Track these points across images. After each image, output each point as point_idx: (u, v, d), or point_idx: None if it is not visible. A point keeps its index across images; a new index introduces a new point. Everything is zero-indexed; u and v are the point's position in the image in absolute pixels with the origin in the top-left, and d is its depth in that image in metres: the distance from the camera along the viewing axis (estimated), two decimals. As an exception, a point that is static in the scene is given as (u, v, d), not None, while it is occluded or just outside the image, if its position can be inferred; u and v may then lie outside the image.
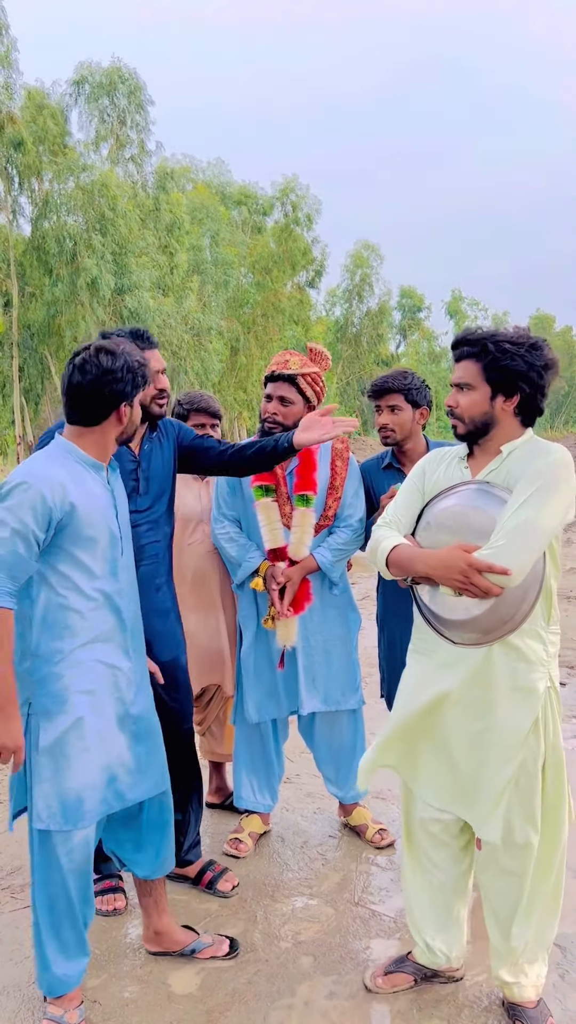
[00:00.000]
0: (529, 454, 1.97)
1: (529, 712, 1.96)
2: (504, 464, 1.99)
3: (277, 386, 2.85)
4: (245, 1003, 2.23)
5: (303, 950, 2.46)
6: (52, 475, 1.98)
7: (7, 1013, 2.20)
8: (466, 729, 2.03)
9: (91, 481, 2.06)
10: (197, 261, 29.53)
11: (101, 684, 2.07)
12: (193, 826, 2.76)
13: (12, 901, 2.73)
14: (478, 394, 2.00)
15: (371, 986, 2.26)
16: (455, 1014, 2.18)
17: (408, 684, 2.17)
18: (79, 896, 2.09)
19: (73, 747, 2.03)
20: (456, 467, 2.10)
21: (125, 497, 2.24)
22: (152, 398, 2.50)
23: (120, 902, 2.64)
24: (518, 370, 1.95)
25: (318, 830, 3.22)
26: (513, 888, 2.05)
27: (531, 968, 2.10)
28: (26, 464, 2.03)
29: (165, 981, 2.33)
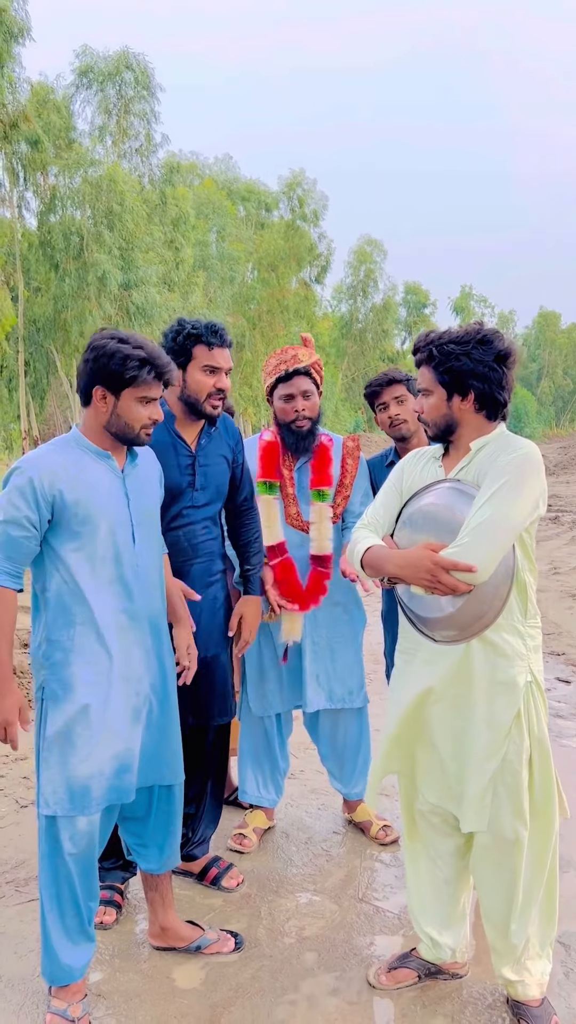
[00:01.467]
0: (497, 450, 1.99)
1: (510, 706, 1.98)
2: (473, 461, 2.01)
3: (297, 382, 2.87)
4: (249, 998, 2.24)
5: (307, 946, 2.47)
6: (45, 461, 2.03)
7: (12, 1006, 2.21)
8: (449, 725, 2.05)
9: (95, 469, 2.08)
10: (203, 257, 29.50)
11: (109, 673, 2.07)
12: (204, 823, 2.78)
13: (17, 895, 2.74)
14: (435, 397, 2.03)
15: (375, 982, 2.27)
16: (458, 1011, 2.18)
17: (397, 684, 2.20)
18: (83, 886, 2.10)
19: (79, 735, 2.04)
20: (431, 466, 2.13)
21: (149, 489, 2.21)
22: (207, 395, 2.50)
23: (110, 916, 2.56)
24: (465, 368, 1.97)
25: (322, 826, 3.22)
26: (507, 885, 2.06)
27: (534, 966, 2.10)
28: (29, 452, 2.08)
29: (169, 976, 2.33)
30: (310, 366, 2.87)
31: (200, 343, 2.48)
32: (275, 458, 2.93)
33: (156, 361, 2.05)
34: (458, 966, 2.29)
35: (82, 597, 2.04)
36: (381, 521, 2.16)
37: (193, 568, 2.53)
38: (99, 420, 2.09)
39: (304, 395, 2.87)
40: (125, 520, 2.11)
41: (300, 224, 34.02)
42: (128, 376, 2.03)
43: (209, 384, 2.49)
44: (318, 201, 34.58)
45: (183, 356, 2.49)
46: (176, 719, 2.30)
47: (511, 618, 1.99)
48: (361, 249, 42.66)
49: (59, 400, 28.91)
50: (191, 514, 2.52)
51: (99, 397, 2.07)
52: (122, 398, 2.06)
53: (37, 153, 22.88)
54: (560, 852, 2.94)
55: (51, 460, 2.04)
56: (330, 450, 2.97)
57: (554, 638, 6.05)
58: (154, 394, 2.09)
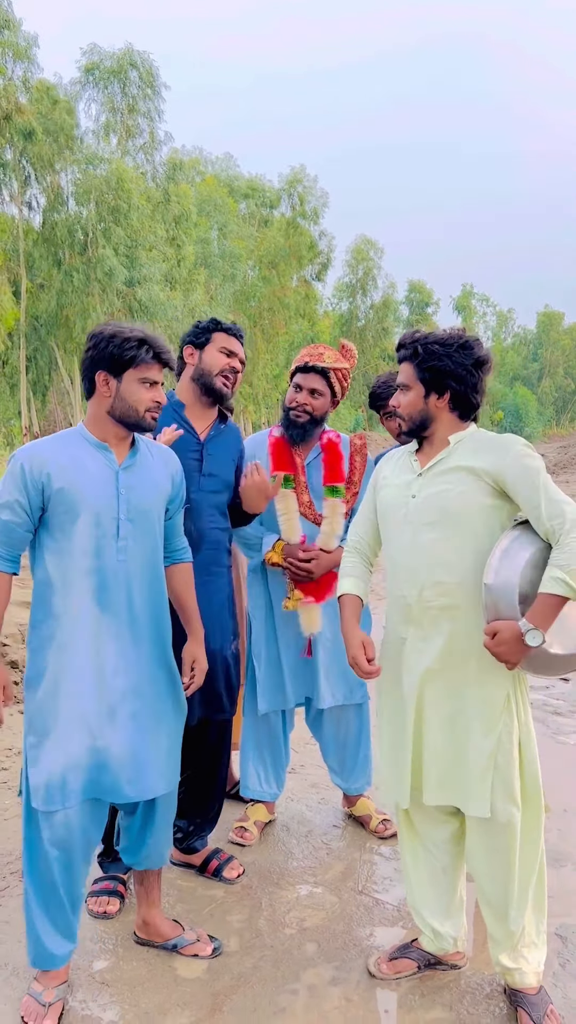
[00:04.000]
0: (478, 445, 2.09)
1: (501, 687, 2.06)
2: (452, 454, 2.10)
3: (309, 377, 2.94)
4: (251, 987, 2.27)
5: (308, 937, 2.50)
6: (38, 450, 2.10)
7: (17, 993, 2.24)
8: (444, 710, 2.10)
9: (90, 460, 2.12)
10: (204, 254, 29.51)
11: (81, 663, 2.08)
12: (205, 817, 2.82)
13: (20, 884, 2.78)
14: (413, 393, 2.13)
15: (375, 971, 2.30)
16: (456, 1000, 2.22)
17: (388, 679, 2.24)
18: (63, 878, 2.13)
19: (50, 724, 2.07)
20: (406, 460, 2.23)
21: (150, 487, 2.21)
22: (219, 371, 2.64)
23: (113, 906, 2.60)
24: (446, 369, 2.07)
25: (322, 820, 3.26)
26: (503, 870, 2.10)
27: (531, 954, 2.14)
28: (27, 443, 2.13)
29: (172, 965, 2.37)
30: (330, 369, 2.93)
31: (221, 330, 2.70)
32: (287, 452, 2.98)
33: (153, 342, 2.13)
34: (458, 956, 2.33)
35: (60, 587, 2.08)
36: (365, 540, 2.35)
37: (197, 557, 2.55)
38: (103, 406, 2.13)
39: (311, 392, 2.92)
40: (112, 513, 2.11)
41: (300, 222, 34.04)
42: (127, 356, 2.08)
43: (223, 362, 2.65)
44: (319, 198, 34.60)
45: (203, 338, 2.67)
46: (169, 724, 2.26)
47: None
48: (359, 248, 42.68)
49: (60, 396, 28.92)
50: (198, 499, 2.58)
51: (102, 381, 2.12)
52: (124, 380, 2.11)
53: (33, 146, 22.88)
54: (557, 847, 2.99)
55: (43, 449, 2.10)
56: (339, 447, 3.02)
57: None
58: (155, 376, 2.13)
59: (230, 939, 2.48)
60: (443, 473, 2.10)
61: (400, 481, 2.21)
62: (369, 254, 43.30)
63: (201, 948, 2.41)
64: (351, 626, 2.27)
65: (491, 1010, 2.18)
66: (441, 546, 2.07)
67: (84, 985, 2.27)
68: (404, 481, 2.19)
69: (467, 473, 2.05)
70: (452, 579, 2.06)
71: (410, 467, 2.20)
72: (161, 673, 2.24)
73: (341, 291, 44.53)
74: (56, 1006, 2.14)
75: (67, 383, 26.59)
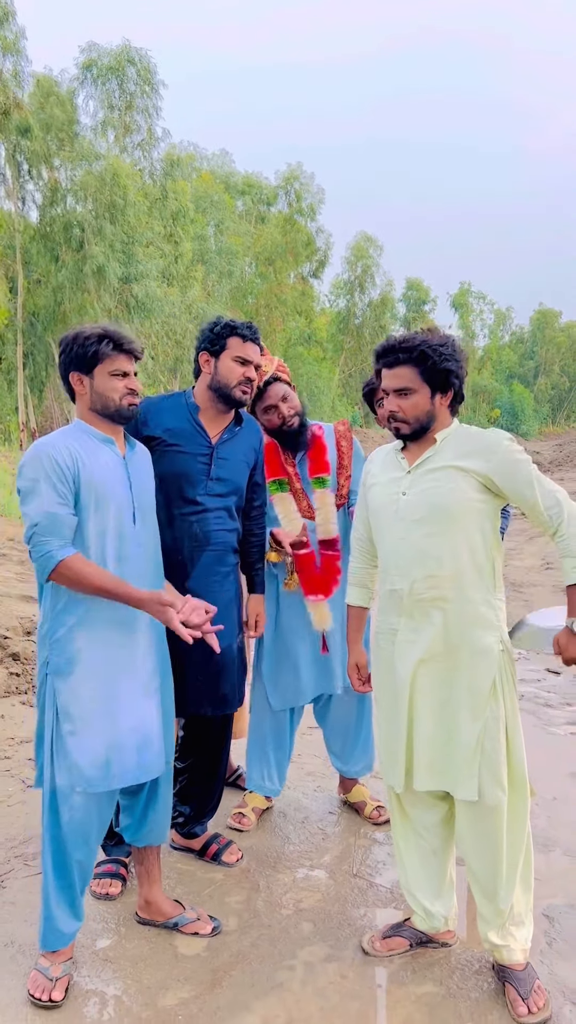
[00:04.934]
0: (464, 440, 2.17)
1: (488, 673, 2.15)
2: (440, 451, 2.18)
3: (271, 392, 2.94)
4: (249, 963, 2.36)
5: (304, 917, 2.58)
6: (56, 441, 2.17)
7: (22, 969, 2.32)
8: (435, 695, 2.19)
9: (102, 452, 2.21)
10: (201, 251, 29.50)
11: (117, 646, 2.19)
12: (206, 804, 2.89)
13: (25, 868, 2.86)
14: (420, 396, 2.17)
15: (368, 949, 2.39)
16: (447, 976, 2.30)
17: (381, 667, 2.32)
18: (78, 859, 2.22)
19: (90, 708, 2.15)
20: (393, 458, 2.31)
21: (146, 476, 2.33)
22: (237, 383, 2.62)
23: (115, 888, 2.69)
24: (451, 369, 2.15)
25: (318, 807, 3.35)
26: (491, 851, 2.19)
27: (518, 931, 2.23)
28: (40, 439, 2.21)
29: (172, 943, 2.45)
30: (276, 371, 2.96)
31: (235, 335, 2.63)
32: (277, 456, 3.04)
33: (113, 336, 2.20)
34: (449, 935, 2.41)
35: None
36: (365, 536, 2.43)
37: (203, 556, 2.61)
38: (85, 405, 2.24)
39: (283, 399, 2.95)
40: (128, 501, 2.23)
41: (298, 219, 34.04)
42: (91, 352, 2.18)
43: (239, 372, 2.62)
44: (315, 195, 34.58)
45: (218, 345, 2.63)
46: (172, 703, 2.40)
47: (485, 592, 2.16)
48: (358, 245, 42.64)
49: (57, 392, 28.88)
50: (205, 502, 2.61)
51: (76, 381, 2.22)
52: (95, 376, 2.21)
53: (30, 142, 22.83)
54: (546, 832, 3.08)
55: (66, 441, 2.17)
56: (322, 438, 3.08)
57: (545, 631, 6.17)
58: (123, 366, 2.21)
59: (229, 919, 2.57)
60: (432, 471, 2.18)
61: (388, 478, 2.28)
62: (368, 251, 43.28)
63: (201, 927, 2.49)
64: (353, 641, 2.51)
65: (479, 985, 2.26)
66: (432, 541, 2.15)
67: (88, 962, 2.36)
68: (393, 478, 2.27)
69: (456, 471, 2.14)
70: (442, 572, 2.15)
71: (398, 464, 2.27)
72: (166, 654, 2.38)
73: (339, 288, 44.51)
74: (63, 980, 2.22)
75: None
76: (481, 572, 2.16)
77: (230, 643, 2.71)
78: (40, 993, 2.19)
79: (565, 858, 2.90)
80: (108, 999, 2.21)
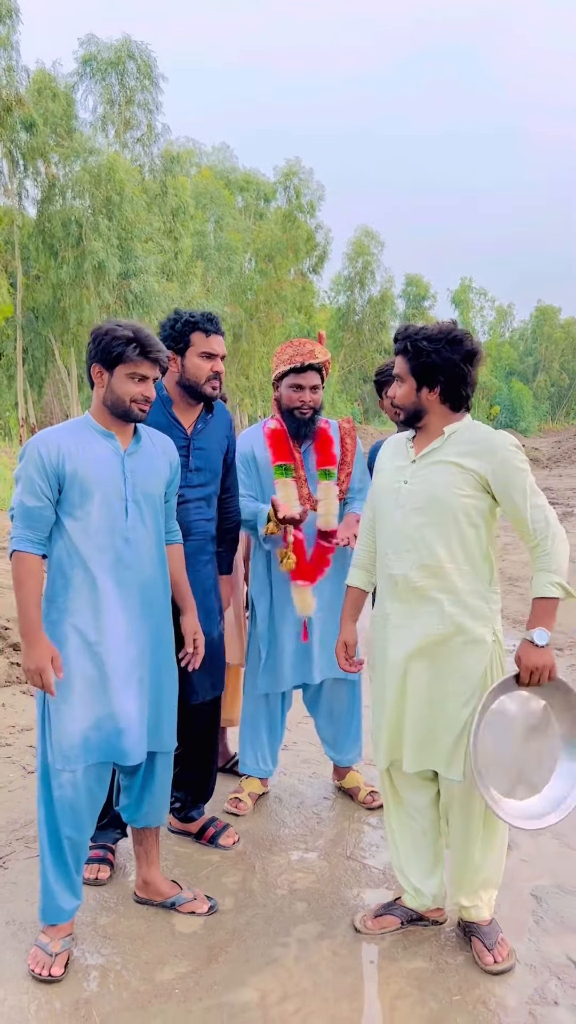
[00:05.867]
0: (472, 437, 2.22)
1: (480, 661, 2.22)
2: (447, 443, 2.23)
3: (308, 376, 3.04)
4: (244, 941, 2.42)
5: (298, 897, 2.65)
6: (51, 436, 2.25)
7: (24, 946, 2.39)
8: (425, 681, 2.25)
9: (98, 446, 2.28)
10: (201, 247, 29.51)
11: (98, 634, 2.25)
12: (201, 788, 2.96)
13: (26, 850, 2.92)
14: (407, 386, 2.26)
15: (360, 927, 2.46)
16: (436, 952, 2.37)
17: (376, 649, 2.40)
18: (70, 836, 2.29)
19: (69, 691, 2.23)
20: (403, 446, 2.36)
21: (152, 472, 2.38)
22: (206, 379, 2.67)
23: (104, 873, 2.74)
24: (435, 364, 2.19)
25: (313, 792, 3.41)
26: (471, 824, 2.30)
27: (486, 893, 2.36)
28: (40, 431, 2.30)
29: (170, 921, 2.52)
30: (322, 363, 3.06)
31: (197, 330, 2.66)
32: (285, 442, 3.11)
33: (143, 341, 2.25)
34: (439, 913, 2.48)
35: (77, 562, 2.24)
36: (370, 519, 2.47)
37: (185, 546, 2.66)
38: (99, 396, 2.31)
39: (312, 388, 3.05)
40: (120, 495, 2.28)
41: (297, 215, 34.05)
42: (116, 353, 2.24)
43: (207, 368, 2.66)
44: (315, 191, 34.59)
45: (181, 343, 2.66)
46: (172, 692, 2.46)
47: (478, 584, 2.22)
48: (359, 241, 42.65)
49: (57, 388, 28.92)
50: (185, 493, 2.67)
51: (96, 373, 2.29)
52: (115, 374, 2.27)
53: (34, 138, 22.83)
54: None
55: (56, 436, 2.26)
56: (329, 432, 3.16)
57: (540, 624, 6.24)
58: (144, 372, 2.27)
59: (225, 899, 2.63)
60: (434, 464, 2.23)
61: (394, 466, 2.34)
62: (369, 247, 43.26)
63: (198, 906, 2.56)
64: (345, 620, 2.56)
65: (469, 960, 2.33)
66: (427, 531, 2.21)
67: (88, 939, 2.42)
68: (398, 467, 2.32)
69: (456, 467, 2.19)
70: (435, 562, 2.21)
71: (406, 453, 2.33)
72: (163, 644, 2.43)
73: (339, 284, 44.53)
74: (62, 956, 2.28)
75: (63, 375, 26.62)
76: (474, 565, 2.22)
77: (210, 628, 2.78)
78: (40, 969, 2.25)
79: (554, 842, 2.97)
80: (107, 973, 2.27)
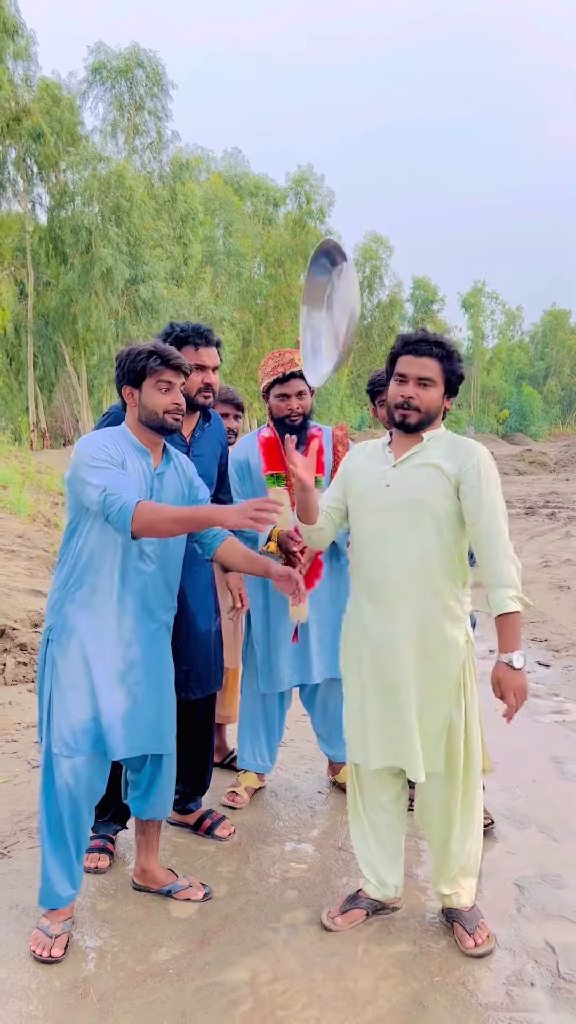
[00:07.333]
0: (450, 445, 2.32)
1: (457, 661, 2.32)
2: (426, 448, 2.33)
3: (291, 384, 3.14)
4: (236, 925, 2.53)
5: (290, 885, 2.76)
6: (104, 438, 2.39)
7: (26, 928, 2.50)
8: (403, 680, 2.32)
9: (135, 459, 2.41)
10: (210, 252, 29.72)
11: (103, 632, 2.37)
12: (198, 781, 3.06)
13: (30, 840, 3.04)
14: (437, 391, 2.33)
15: (330, 925, 2.51)
16: (419, 936, 2.47)
17: (349, 655, 2.48)
18: (70, 824, 2.40)
19: (75, 680, 2.35)
20: (380, 451, 2.43)
21: (175, 491, 2.50)
22: (198, 390, 2.78)
23: (103, 862, 2.85)
24: (462, 376, 2.34)
25: (308, 787, 3.52)
26: (448, 814, 2.40)
27: (466, 880, 2.45)
28: (86, 435, 2.43)
29: (166, 907, 2.63)
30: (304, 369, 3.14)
31: (187, 344, 2.76)
32: (277, 451, 3.21)
33: (162, 352, 2.39)
34: (397, 901, 2.59)
35: (95, 561, 2.36)
36: (333, 506, 2.50)
37: (188, 549, 2.74)
38: (135, 416, 2.44)
39: (298, 395, 3.15)
40: None
41: (307, 220, 34.22)
42: (139, 367, 2.38)
43: (197, 381, 2.77)
44: (325, 197, 34.78)
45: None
46: (169, 696, 2.56)
47: (453, 586, 2.32)
48: (367, 246, 42.78)
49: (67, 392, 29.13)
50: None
51: (128, 394, 2.43)
52: (144, 389, 2.41)
53: (42, 147, 23.11)
54: (524, 810, 3.25)
55: (108, 439, 2.39)
56: (320, 440, 3.24)
57: (539, 626, 6.33)
58: (169, 378, 2.41)
59: (219, 887, 2.74)
60: (416, 467, 2.33)
61: (375, 470, 2.40)
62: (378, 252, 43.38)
63: (193, 893, 2.67)
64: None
65: (451, 945, 2.42)
66: (409, 533, 2.30)
67: (87, 922, 2.54)
68: (379, 471, 2.39)
69: (436, 470, 2.29)
70: (416, 564, 2.29)
71: (384, 458, 2.40)
72: (162, 650, 2.54)
73: (347, 289, 44.57)
74: (62, 938, 2.39)
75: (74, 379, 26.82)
76: (451, 567, 2.31)
77: (209, 627, 2.89)
78: (41, 950, 2.36)
79: (539, 834, 3.06)
80: (105, 955, 2.38)
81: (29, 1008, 2.16)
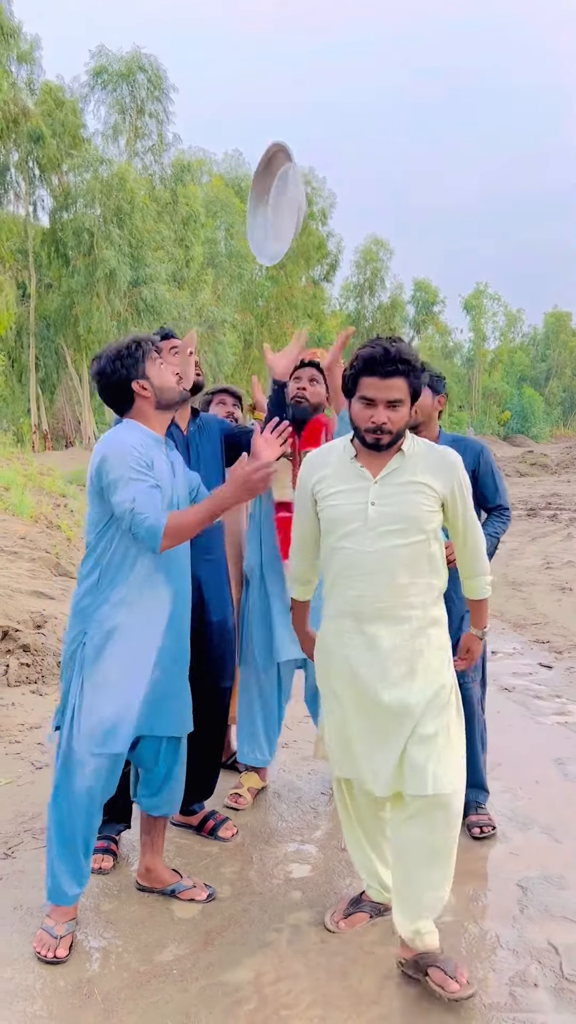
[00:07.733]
0: (428, 453, 2.28)
1: (446, 680, 2.26)
2: (405, 464, 2.24)
3: (306, 371, 3.33)
4: (240, 926, 2.53)
5: (293, 886, 2.76)
6: (129, 436, 2.40)
7: (31, 929, 2.51)
8: (392, 701, 2.21)
9: (157, 452, 2.45)
10: (212, 254, 29.77)
11: (138, 629, 2.41)
12: (203, 781, 3.06)
13: (34, 840, 3.04)
14: (406, 408, 2.23)
15: (333, 928, 2.50)
16: (424, 937, 2.47)
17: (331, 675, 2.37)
18: (82, 824, 2.41)
19: (112, 679, 2.38)
20: (350, 467, 2.28)
21: (184, 469, 2.57)
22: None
23: (107, 863, 2.86)
24: (423, 382, 2.31)
25: (311, 788, 3.52)
26: (427, 839, 2.21)
27: (431, 915, 2.26)
28: (105, 438, 2.43)
29: (170, 907, 2.63)
30: (316, 358, 3.32)
31: (168, 339, 2.97)
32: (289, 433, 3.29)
33: (142, 336, 2.52)
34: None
35: (136, 556, 2.39)
36: (310, 539, 2.41)
37: (196, 541, 2.70)
38: (151, 405, 2.48)
39: (310, 380, 3.30)
40: (175, 499, 2.47)
41: (308, 223, 34.28)
42: (137, 354, 2.44)
43: (169, 356, 2.83)
44: (326, 199, 34.83)
45: None
46: (184, 682, 2.59)
47: (437, 596, 2.30)
48: (367, 248, 42.84)
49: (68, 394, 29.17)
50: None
51: (139, 388, 2.46)
52: (150, 376, 2.46)
53: (44, 149, 23.20)
54: (526, 811, 3.26)
55: (132, 436, 2.41)
56: (329, 426, 3.35)
57: (541, 627, 6.34)
58: (164, 351, 2.51)
59: (223, 887, 2.75)
60: (404, 484, 2.23)
61: (351, 488, 2.25)
62: (378, 255, 43.44)
63: (197, 893, 2.67)
64: (300, 626, 2.62)
65: (454, 945, 2.43)
66: (402, 551, 2.21)
67: (91, 923, 2.54)
68: (357, 488, 2.25)
69: (425, 488, 2.22)
70: (408, 579, 2.22)
71: (358, 474, 2.25)
72: (184, 637, 2.58)
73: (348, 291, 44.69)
74: (67, 938, 2.40)
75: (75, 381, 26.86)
76: (437, 577, 2.28)
77: (224, 617, 2.93)
78: (45, 951, 2.37)
79: (542, 835, 3.07)
80: (109, 955, 2.39)
81: (34, 1008, 2.17)
